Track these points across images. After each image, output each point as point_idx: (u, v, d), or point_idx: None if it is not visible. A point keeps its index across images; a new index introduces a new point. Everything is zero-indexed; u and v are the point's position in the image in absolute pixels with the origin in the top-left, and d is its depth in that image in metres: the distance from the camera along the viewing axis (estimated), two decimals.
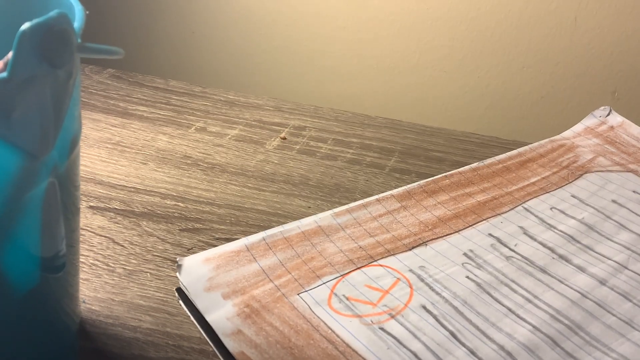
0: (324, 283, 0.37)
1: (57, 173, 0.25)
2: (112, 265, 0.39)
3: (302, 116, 0.59)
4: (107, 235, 0.41)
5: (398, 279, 0.37)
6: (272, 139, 0.55)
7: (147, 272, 0.39)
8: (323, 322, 0.34)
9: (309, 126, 0.58)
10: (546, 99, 0.76)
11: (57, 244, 0.28)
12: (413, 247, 0.40)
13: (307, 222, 0.41)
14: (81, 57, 0.24)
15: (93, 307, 0.36)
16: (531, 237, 0.42)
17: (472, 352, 0.33)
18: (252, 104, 0.61)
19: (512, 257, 0.40)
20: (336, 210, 0.43)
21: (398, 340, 0.33)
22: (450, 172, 0.48)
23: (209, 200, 0.46)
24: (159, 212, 0.44)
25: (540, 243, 0.41)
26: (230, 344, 0.32)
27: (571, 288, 0.37)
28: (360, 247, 0.40)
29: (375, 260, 0.39)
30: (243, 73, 0.84)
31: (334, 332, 0.33)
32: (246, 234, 0.41)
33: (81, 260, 0.39)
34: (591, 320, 0.35)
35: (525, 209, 0.45)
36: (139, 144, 0.52)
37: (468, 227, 0.43)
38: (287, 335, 0.33)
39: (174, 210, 0.44)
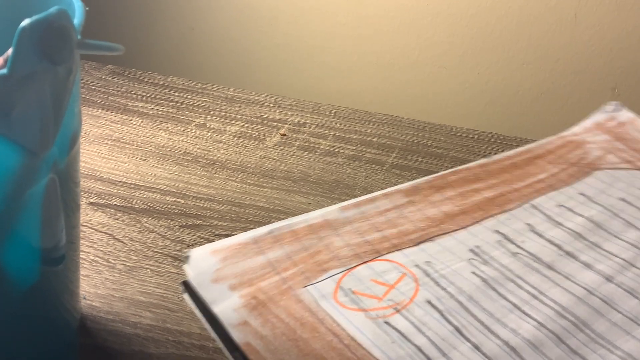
0: (330, 276, 0.37)
1: (57, 170, 0.25)
2: (113, 261, 0.39)
3: (302, 112, 0.59)
4: (108, 231, 0.41)
5: (404, 273, 0.38)
6: (272, 136, 0.55)
7: (148, 269, 0.39)
8: (328, 315, 0.34)
9: (309, 122, 0.58)
10: (546, 96, 0.76)
11: (58, 240, 0.28)
12: (419, 243, 0.40)
13: (314, 216, 0.41)
14: (81, 53, 0.24)
15: (93, 304, 0.36)
16: (538, 234, 0.42)
17: (477, 348, 0.33)
18: (252, 100, 0.61)
19: (519, 253, 0.40)
20: (343, 204, 0.43)
21: (403, 335, 0.33)
22: (458, 168, 0.48)
23: (209, 197, 0.46)
24: (159, 208, 0.44)
25: (547, 240, 0.41)
26: (236, 335, 0.32)
27: (577, 284, 0.37)
28: (366, 242, 0.40)
29: (382, 255, 0.39)
30: (243, 69, 0.84)
31: (339, 325, 0.33)
32: (246, 230, 0.41)
33: (81, 256, 0.39)
34: (597, 317, 0.35)
35: (532, 206, 0.45)
36: (139, 141, 0.52)
37: (475, 223, 0.42)
38: (292, 327, 0.33)
39: (174, 207, 0.44)
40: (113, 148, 0.51)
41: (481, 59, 0.76)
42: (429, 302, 0.35)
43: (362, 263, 0.38)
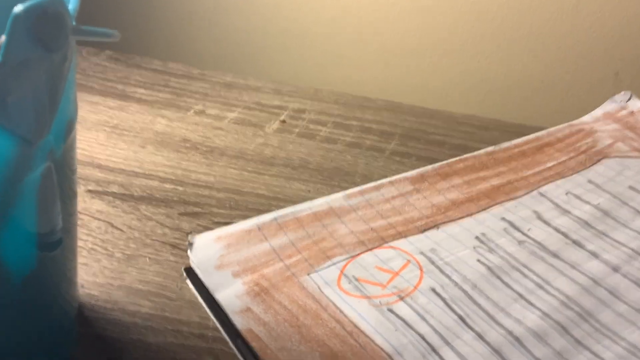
0: (334, 264, 0.37)
1: (53, 157, 0.25)
2: (111, 249, 0.39)
3: (302, 99, 0.59)
4: (106, 219, 0.41)
5: (408, 260, 0.37)
6: (272, 122, 0.55)
7: (146, 257, 0.38)
8: (332, 302, 0.34)
9: (309, 109, 0.57)
10: (548, 82, 0.76)
11: (55, 228, 0.28)
12: (425, 230, 0.40)
13: (319, 203, 0.41)
14: (77, 39, 0.24)
15: (92, 292, 0.36)
16: (545, 222, 0.41)
17: (480, 337, 0.32)
18: (251, 87, 0.60)
19: (525, 241, 0.40)
20: (348, 191, 0.43)
21: (406, 322, 0.33)
22: (465, 156, 0.48)
23: (208, 184, 0.45)
24: (157, 196, 0.44)
25: (554, 228, 0.41)
26: (238, 321, 0.32)
27: (583, 274, 0.37)
28: (371, 229, 0.40)
29: (386, 242, 0.39)
30: (242, 55, 0.83)
31: (342, 312, 0.33)
32: (245, 218, 0.41)
33: (79, 244, 0.39)
34: (602, 308, 0.35)
35: (540, 194, 0.44)
36: (137, 127, 0.52)
37: (481, 210, 0.42)
38: (295, 314, 0.33)
39: (173, 194, 0.44)
40: (111, 135, 0.51)
41: (482, 46, 0.75)
42: (433, 290, 0.35)
43: (367, 250, 0.38)
